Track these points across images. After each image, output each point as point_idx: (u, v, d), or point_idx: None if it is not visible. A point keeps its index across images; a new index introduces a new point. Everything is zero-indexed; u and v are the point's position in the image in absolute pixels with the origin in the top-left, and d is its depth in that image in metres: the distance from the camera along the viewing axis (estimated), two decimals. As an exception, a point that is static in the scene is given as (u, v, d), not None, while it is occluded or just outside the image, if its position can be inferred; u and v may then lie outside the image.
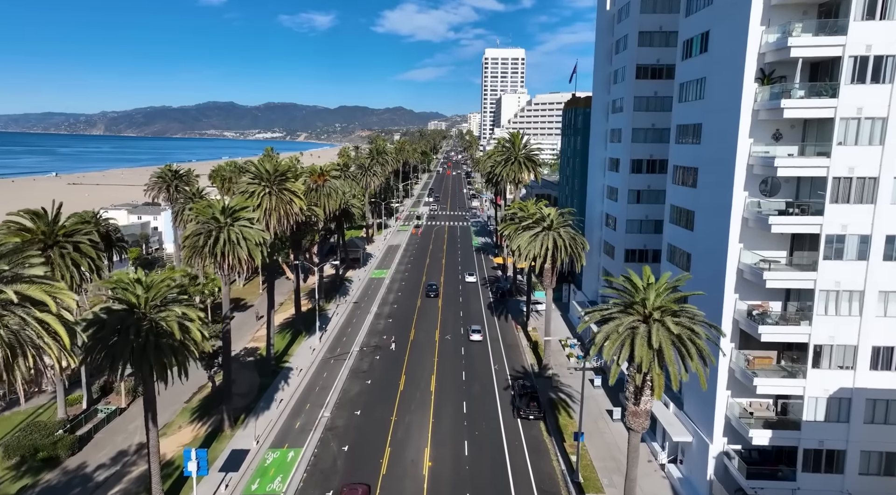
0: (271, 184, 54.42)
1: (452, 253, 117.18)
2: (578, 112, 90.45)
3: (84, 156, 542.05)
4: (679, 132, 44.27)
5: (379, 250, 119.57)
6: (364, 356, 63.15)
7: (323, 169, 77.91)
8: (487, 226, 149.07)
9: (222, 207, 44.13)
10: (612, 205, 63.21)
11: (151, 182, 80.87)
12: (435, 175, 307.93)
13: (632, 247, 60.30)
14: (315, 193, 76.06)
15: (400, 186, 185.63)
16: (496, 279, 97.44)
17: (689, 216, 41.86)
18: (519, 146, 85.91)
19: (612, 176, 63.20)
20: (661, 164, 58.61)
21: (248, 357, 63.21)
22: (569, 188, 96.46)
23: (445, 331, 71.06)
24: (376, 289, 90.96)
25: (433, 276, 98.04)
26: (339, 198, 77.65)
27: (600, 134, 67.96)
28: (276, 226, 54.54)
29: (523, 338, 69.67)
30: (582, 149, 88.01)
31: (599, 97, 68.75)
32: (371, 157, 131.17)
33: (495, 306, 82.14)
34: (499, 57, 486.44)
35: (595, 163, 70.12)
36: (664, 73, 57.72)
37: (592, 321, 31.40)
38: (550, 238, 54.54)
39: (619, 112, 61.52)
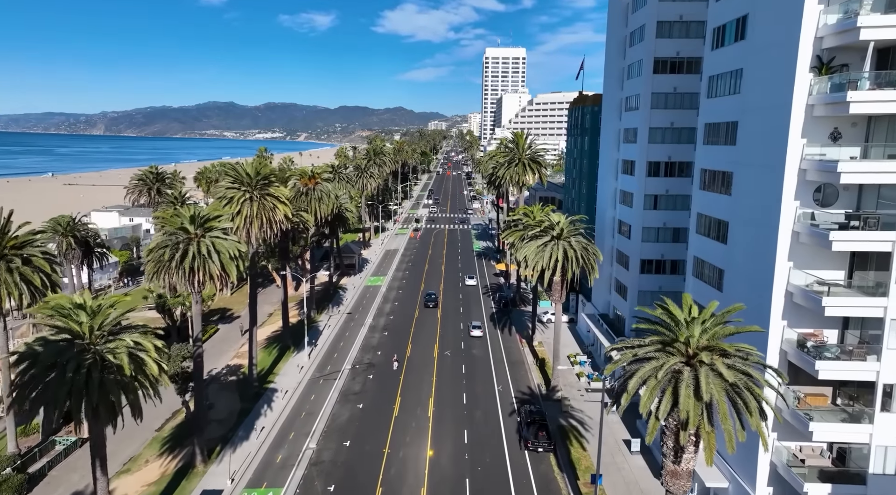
0: (253, 189, 49.35)
1: (452, 258, 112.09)
2: (586, 111, 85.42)
3: (82, 157, 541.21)
4: (708, 132, 39.19)
5: (376, 255, 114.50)
6: (356, 375, 58.05)
7: (314, 171, 72.89)
8: (489, 229, 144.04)
9: (192, 216, 39.01)
10: (625, 211, 58.15)
11: (131, 184, 75.82)
12: (435, 176, 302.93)
13: (648, 257, 55.23)
14: (305, 198, 71.02)
15: (399, 188, 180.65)
16: (498, 287, 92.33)
17: (721, 227, 36.78)
18: (523, 147, 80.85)
19: (626, 179, 58.13)
20: (681, 167, 53.73)
21: (229, 376, 58.11)
22: (575, 191, 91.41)
23: (445, 346, 65.97)
24: (372, 297, 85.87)
25: (432, 284, 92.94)
26: (332, 203, 72.60)
27: (612, 134, 62.91)
28: (257, 234, 49.48)
29: (528, 353, 64.58)
30: (590, 149, 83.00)
31: (611, 94, 63.68)
32: (368, 159, 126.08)
33: (498, 317, 77.05)
34: (499, 56, 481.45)
35: (606, 166, 65.04)
36: (685, 66, 52.74)
37: (625, 361, 25.99)
38: (560, 248, 49.45)
39: (633, 110, 56.46)
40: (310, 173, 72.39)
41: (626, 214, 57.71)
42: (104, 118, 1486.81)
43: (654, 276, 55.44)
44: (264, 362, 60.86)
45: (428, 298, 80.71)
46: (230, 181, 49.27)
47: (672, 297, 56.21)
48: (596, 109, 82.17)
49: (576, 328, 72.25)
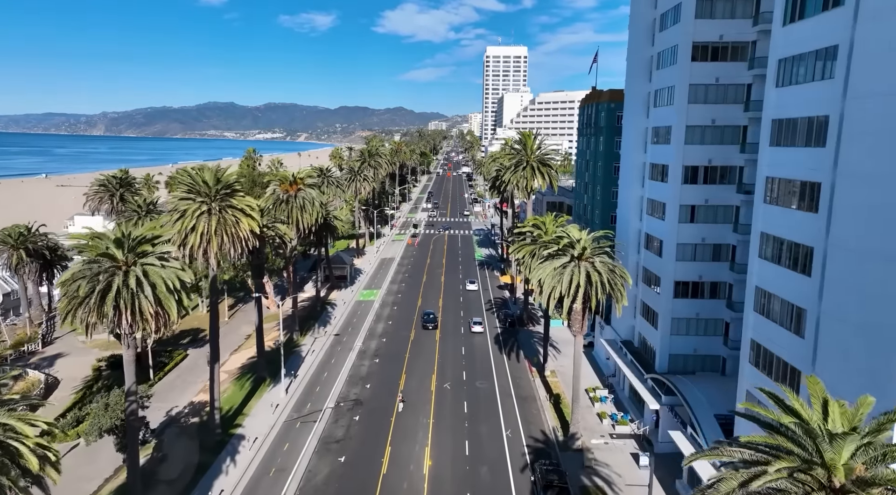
0: (212, 201, 40.93)
1: (453, 269, 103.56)
2: (600, 108, 76.95)
3: (80, 157, 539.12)
4: (779, 130, 30.74)
5: (370, 265, 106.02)
6: (340, 416, 49.61)
7: (296, 176, 64.45)
8: (491, 234, 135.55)
9: (119, 237, 30.56)
10: (655, 224, 49.67)
11: (91, 191, 67.38)
12: (434, 177, 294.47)
13: (684, 278, 46.76)
14: (285, 206, 62.60)
15: (396, 190, 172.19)
16: (503, 302, 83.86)
17: (801, 253, 28.38)
18: (532, 148, 72.34)
19: (655, 186, 49.67)
20: (724, 172, 45.35)
21: (192, 416, 49.68)
22: (588, 196, 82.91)
23: (444, 377, 57.54)
24: (363, 315, 77.40)
25: (430, 298, 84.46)
26: (316, 211, 64.16)
27: (636, 133, 54.45)
28: (217, 253, 41.05)
29: (540, 386, 56.13)
30: (605, 151, 74.60)
31: (635, 88, 55.20)
32: (362, 161, 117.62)
33: (504, 339, 68.59)
34: (500, 55, 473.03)
35: (629, 170, 56.55)
36: (729, 53, 44.29)
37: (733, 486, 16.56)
38: (582, 271, 40.97)
39: (665, 105, 47.99)
40: (291, 178, 63.92)
41: (656, 227, 49.24)
42: (104, 119, 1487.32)
43: (691, 301, 47.00)
44: (234, 398, 52.45)
45: (426, 319, 72.08)
46: (184, 191, 40.82)
47: (712, 327, 48.20)
48: (612, 106, 73.76)
49: (593, 353, 63.76)
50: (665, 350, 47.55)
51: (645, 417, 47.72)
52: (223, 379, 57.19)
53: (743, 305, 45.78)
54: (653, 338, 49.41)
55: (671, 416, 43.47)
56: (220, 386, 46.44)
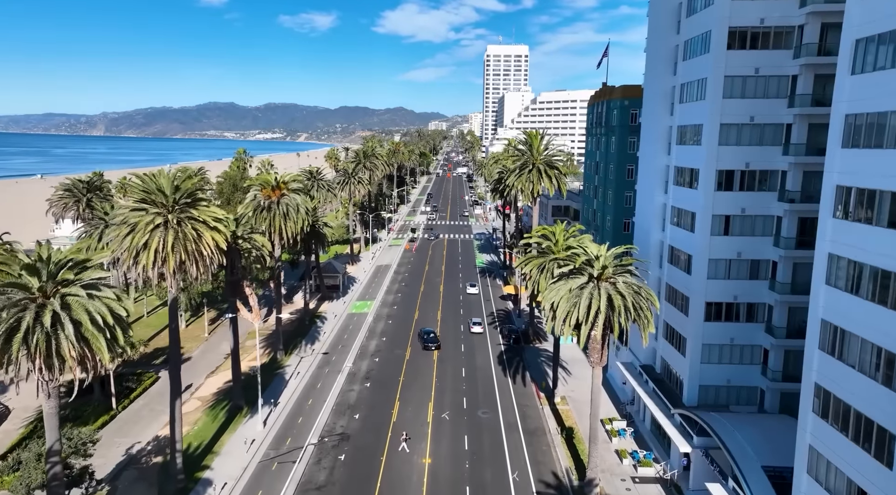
0: (170, 212, 34.93)
1: (452, 277, 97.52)
2: (612, 105, 71.02)
3: (79, 158, 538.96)
4: (857, 128, 24.73)
5: (364, 272, 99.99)
6: (323, 454, 43.58)
7: (279, 180, 58.43)
8: (492, 239, 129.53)
9: (33, 263, 24.53)
10: (681, 236, 43.65)
11: (55, 197, 61.34)
12: (434, 178, 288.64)
13: (716, 298, 40.77)
14: (266, 213, 56.63)
15: (394, 192, 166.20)
16: (506, 315, 77.87)
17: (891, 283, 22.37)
18: (538, 149, 66.26)
19: (682, 193, 43.66)
20: (764, 178, 39.46)
21: (154, 455, 43.65)
22: (598, 201, 76.96)
23: (443, 404, 51.56)
24: (355, 330, 71.38)
25: (428, 311, 78.42)
26: (302, 218, 58.20)
27: (658, 133, 48.42)
28: (174, 271, 35.04)
29: (549, 415, 50.13)
30: (618, 152, 68.68)
31: (657, 81, 49.17)
32: (357, 162, 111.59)
33: (508, 358, 62.57)
34: (501, 54, 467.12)
35: (649, 174, 50.53)
36: (772, 39, 38.33)
37: None
38: (603, 294, 34.92)
39: (694, 100, 41.97)
40: (273, 182, 57.91)
41: (683, 240, 43.21)
42: (104, 119, 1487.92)
43: (725, 325, 41.01)
44: (204, 433, 46.44)
45: (427, 339, 65.01)
46: (136, 200, 34.78)
47: (748, 354, 42.14)
48: (626, 103, 67.85)
49: (607, 376, 57.72)
50: (694, 380, 41.54)
51: (672, 459, 41.68)
52: (195, 408, 51.26)
53: (784, 330, 40.14)
54: (679, 365, 43.37)
55: (706, 462, 37.47)
56: (182, 425, 40.38)
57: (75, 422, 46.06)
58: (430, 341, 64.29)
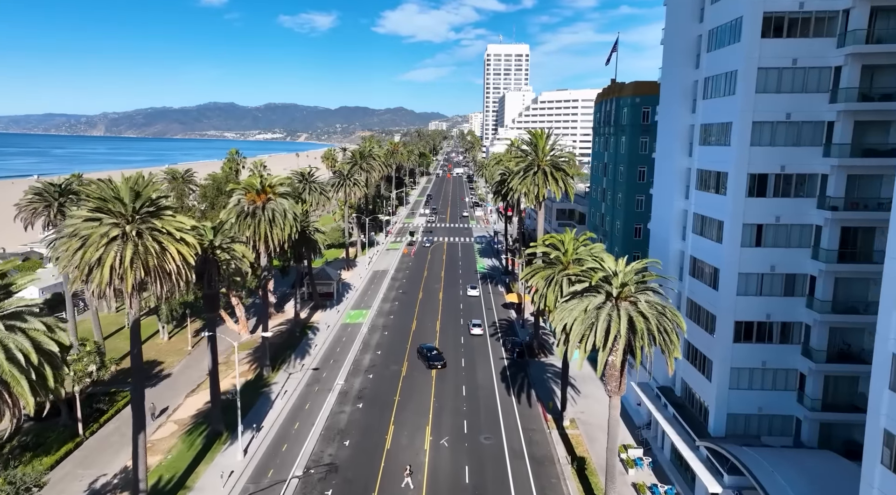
0: (129, 222, 30.63)
1: (452, 283, 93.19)
2: (622, 103, 66.77)
3: (78, 158, 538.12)
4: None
5: (360, 278, 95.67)
6: (308, 489, 39.24)
7: (265, 184, 54.09)
8: (493, 243, 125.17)
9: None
10: (705, 246, 39.33)
11: (24, 201, 57.06)
12: (434, 178, 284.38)
13: (747, 317, 36.49)
14: (250, 220, 52.34)
15: (393, 194, 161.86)
16: (509, 325, 73.54)
17: None
18: (544, 150, 61.86)
19: (707, 199, 39.35)
20: (801, 182, 35.11)
21: (120, 492, 39.31)
22: (606, 205, 72.69)
23: (441, 428, 47.25)
24: (349, 343, 67.04)
25: (427, 321, 74.09)
26: (289, 225, 53.89)
27: (677, 132, 44.04)
28: (133, 290, 30.72)
29: (558, 440, 45.78)
30: (628, 152, 64.43)
31: (676, 75, 44.76)
32: (353, 163, 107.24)
33: (512, 374, 58.27)
34: (501, 53, 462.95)
35: (666, 177, 46.16)
36: (812, 26, 34.02)
37: None
38: (623, 316, 30.59)
39: (722, 96, 37.66)
40: (258, 186, 53.59)
41: (709, 251, 38.87)
42: (105, 119, 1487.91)
43: (756, 346, 36.72)
44: (178, 463, 42.10)
45: (431, 357, 59.55)
46: (90, 209, 30.44)
47: (782, 380, 37.77)
48: (637, 101, 63.62)
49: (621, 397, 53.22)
50: (722, 408, 37.24)
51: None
52: (171, 433, 46.98)
53: (824, 354, 35.83)
54: (703, 390, 39.03)
55: (739, 505, 33.16)
56: (150, 458, 36.09)
57: (36, 452, 41.84)
58: (434, 359, 59.25)
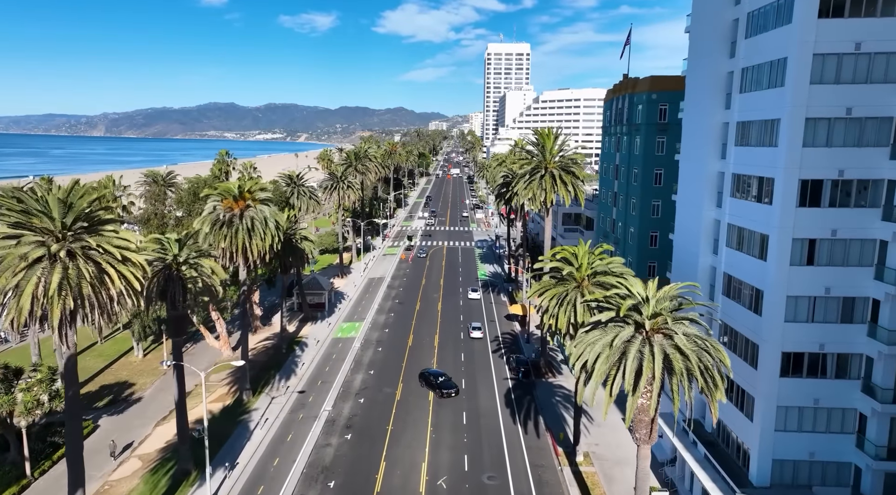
0: (57, 240, 25.26)
1: (452, 291, 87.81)
2: (637, 100, 61.46)
3: (76, 158, 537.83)
4: None
5: (355, 287, 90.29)
6: (284, 545, 33.89)
7: (243, 189, 48.70)
8: (495, 247, 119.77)
9: None
10: (744, 263, 33.98)
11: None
12: (434, 179, 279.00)
13: (796, 347, 31.19)
14: (226, 230, 46.97)
15: (391, 196, 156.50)
16: (513, 340, 68.16)
17: None
18: (552, 151, 56.41)
19: (745, 208, 34.02)
20: (863, 189, 29.74)
21: (67, 547, 33.91)
22: (618, 210, 67.36)
23: (439, 464, 41.89)
24: (339, 360, 61.69)
25: (424, 336, 68.69)
26: (271, 234, 48.52)
27: (706, 130, 38.69)
28: (63, 322, 25.32)
29: (571, 480, 40.37)
30: (644, 153, 59.15)
31: (706, 66, 39.36)
32: (347, 165, 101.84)
33: (517, 398, 52.93)
34: (502, 52, 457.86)
35: (693, 181, 40.78)
36: (880, 4, 28.62)
37: None
38: (657, 352, 25.23)
39: (765, 88, 32.32)
40: (235, 192, 48.22)
41: (748, 269, 33.52)
42: (105, 119, 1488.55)
43: (807, 382, 31.40)
44: (137, 511, 36.73)
45: (440, 384, 52.80)
46: (9, 225, 25.04)
47: (838, 420, 30.82)
48: (654, 97, 58.32)
49: (637, 425, 47.82)
50: (766, 453, 31.89)
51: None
52: (133, 471, 41.63)
53: (891, 393, 30.45)
54: (743, 431, 33.63)
55: (794, 578, 27.80)
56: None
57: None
58: (444, 387, 52.52)
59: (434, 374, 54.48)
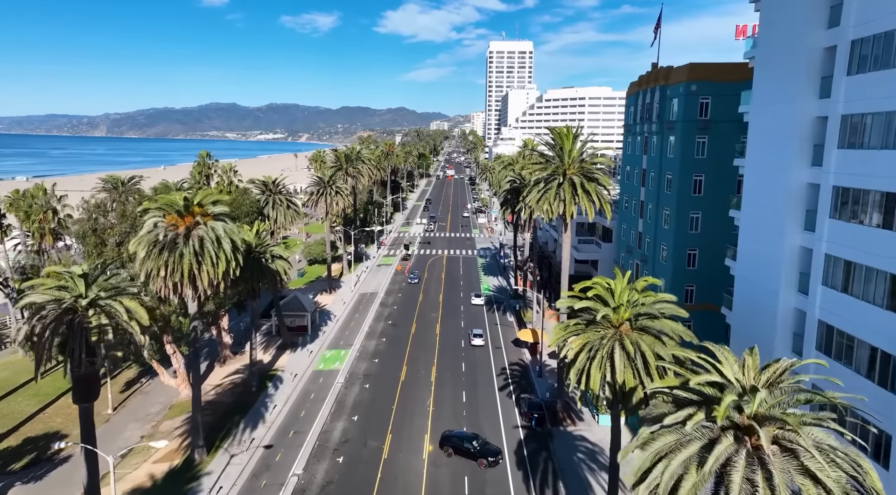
0: None
1: (452, 311, 78.18)
2: (671, 92, 52.03)
3: (74, 159, 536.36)
4: None
5: (343, 304, 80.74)
6: None
7: (193, 201, 39.03)
8: (500, 257, 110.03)
9: None
10: (859, 312, 24.33)
11: None
12: (434, 181, 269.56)
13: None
14: (169, 253, 37.38)
15: (388, 200, 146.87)
16: (522, 373, 58.57)
17: None
18: (572, 154, 46.58)
19: (857, 235, 24.41)
20: None
21: None
22: (645, 222, 57.83)
23: (432, 561, 32.23)
24: (318, 401, 52.11)
25: (420, 368, 59.12)
26: (226, 259, 38.92)
27: (789, 128, 29.08)
28: None
29: None
30: (680, 157, 49.67)
31: (789, 41, 29.67)
32: (336, 168, 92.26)
33: (530, 453, 43.33)
34: (504, 50, 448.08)
35: (767, 194, 31.12)
36: None
37: None
38: (779, 480, 15.53)
39: (890, 66, 22.62)
40: (182, 205, 38.58)
41: (862, 319, 23.92)
42: (106, 120, 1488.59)
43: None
44: None
45: (478, 451, 41.52)
46: None
47: None
48: (694, 89, 48.86)
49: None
50: None
51: None
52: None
53: None
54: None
55: None
56: None
57: None
58: (483, 454, 41.35)
59: (462, 437, 43.08)
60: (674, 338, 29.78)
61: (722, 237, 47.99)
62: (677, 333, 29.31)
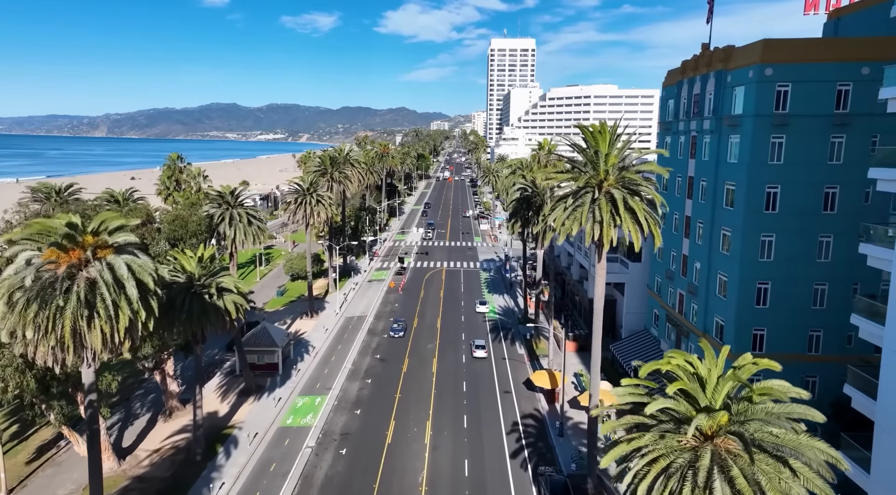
0: None
1: (452, 340, 66.53)
2: (735, 79, 40.60)
3: (72, 159, 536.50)
4: None
5: (326, 331, 69.21)
6: None
7: (82, 229, 27.59)
8: (505, 270, 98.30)
9: None
10: None
11: None
12: (434, 182, 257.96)
13: None
14: (35, 308, 25.81)
15: (383, 205, 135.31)
16: (539, 430, 46.93)
17: None
18: (610, 159, 34.78)
19: None
20: None
21: None
22: (693, 244, 46.41)
23: None
24: (278, 476, 40.41)
25: (409, 421, 47.53)
26: (130, 309, 27.37)
27: None
28: None
29: None
30: (749, 163, 38.08)
31: None
32: (321, 172, 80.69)
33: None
34: (506, 48, 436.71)
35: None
36: None
37: None
38: None
39: None
40: (61, 233, 27.04)
41: None
42: (107, 120, 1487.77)
43: None
44: None
45: None
46: None
47: None
48: (769, 74, 37.52)
49: None
50: None
51: None
52: None
53: None
54: None
55: None
56: None
57: None
58: None
59: None
60: (809, 464, 18.29)
61: (805, 267, 36.46)
62: (818, 459, 17.89)
